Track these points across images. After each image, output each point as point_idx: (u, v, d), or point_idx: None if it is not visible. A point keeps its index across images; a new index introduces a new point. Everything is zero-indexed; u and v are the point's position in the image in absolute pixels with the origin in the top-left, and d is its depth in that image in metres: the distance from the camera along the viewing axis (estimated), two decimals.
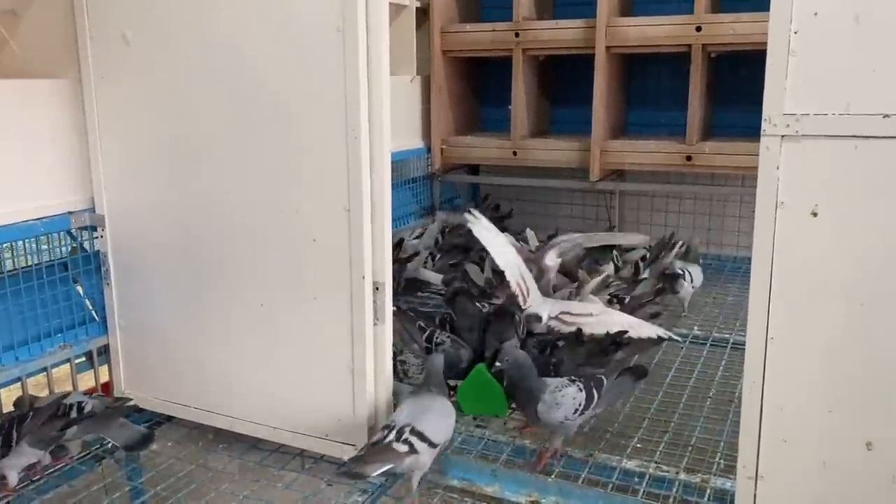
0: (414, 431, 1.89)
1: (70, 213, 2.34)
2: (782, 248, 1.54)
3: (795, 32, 1.46)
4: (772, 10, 1.48)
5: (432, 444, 1.91)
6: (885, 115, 1.42)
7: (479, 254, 3.25)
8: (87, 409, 2.11)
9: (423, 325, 2.56)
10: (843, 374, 1.55)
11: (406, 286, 3.20)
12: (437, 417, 1.98)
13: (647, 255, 3.39)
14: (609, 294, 2.92)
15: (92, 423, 2.08)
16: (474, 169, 4.43)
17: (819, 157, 1.49)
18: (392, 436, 1.88)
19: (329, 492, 2.06)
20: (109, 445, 2.20)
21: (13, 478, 1.97)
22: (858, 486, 1.58)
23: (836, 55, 1.45)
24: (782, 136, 1.51)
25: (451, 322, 2.66)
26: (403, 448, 1.86)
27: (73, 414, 2.08)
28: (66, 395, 2.19)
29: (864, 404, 1.55)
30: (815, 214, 1.51)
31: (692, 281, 3.20)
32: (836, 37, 1.44)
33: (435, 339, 2.50)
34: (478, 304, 2.70)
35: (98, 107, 2.31)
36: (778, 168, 1.52)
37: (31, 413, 2.00)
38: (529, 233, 3.55)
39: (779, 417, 1.62)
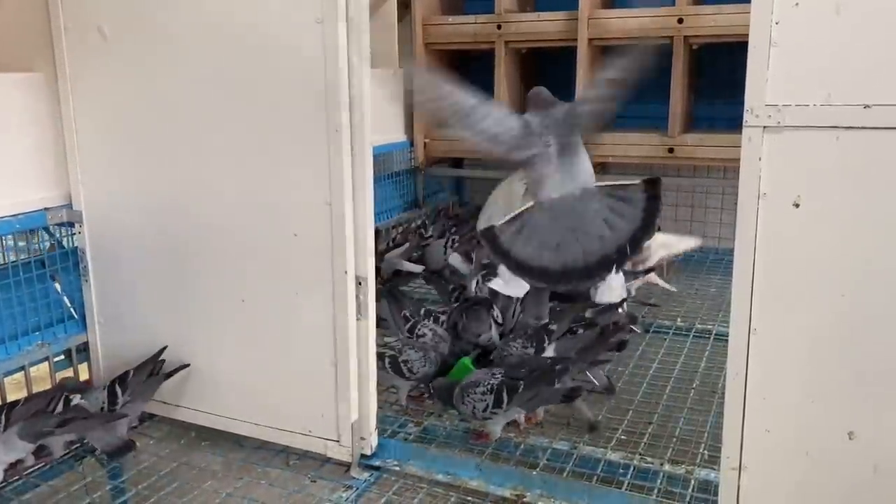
0: None
1: (46, 209, 2.30)
2: (764, 240, 1.54)
3: (777, 23, 1.46)
4: (753, 0, 1.48)
5: None
6: (866, 106, 1.42)
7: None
8: (74, 401, 2.08)
9: (407, 314, 2.55)
10: (824, 364, 1.56)
11: (390, 277, 3.19)
12: None
13: None
14: None
15: (79, 423, 2.05)
16: (458, 162, 4.42)
17: (801, 148, 1.49)
18: None
19: (313, 488, 2.05)
20: (90, 444, 2.18)
21: None
22: (840, 476, 1.59)
23: (816, 46, 1.45)
24: (764, 128, 1.50)
25: (455, 328, 2.56)
26: None
27: (60, 406, 2.05)
28: (62, 387, 2.17)
29: (846, 394, 1.55)
30: (797, 205, 1.51)
31: None
32: (817, 27, 1.44)
33: (417, 331, 2.49)
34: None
35: (74, 101, 2.27)
36: (760, 159, 1.52)
37: (23, 400, 1.98)
38: None
39: (762, 408, 1.62)
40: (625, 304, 2.75)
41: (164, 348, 2.29)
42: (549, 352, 2.35)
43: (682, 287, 3.38)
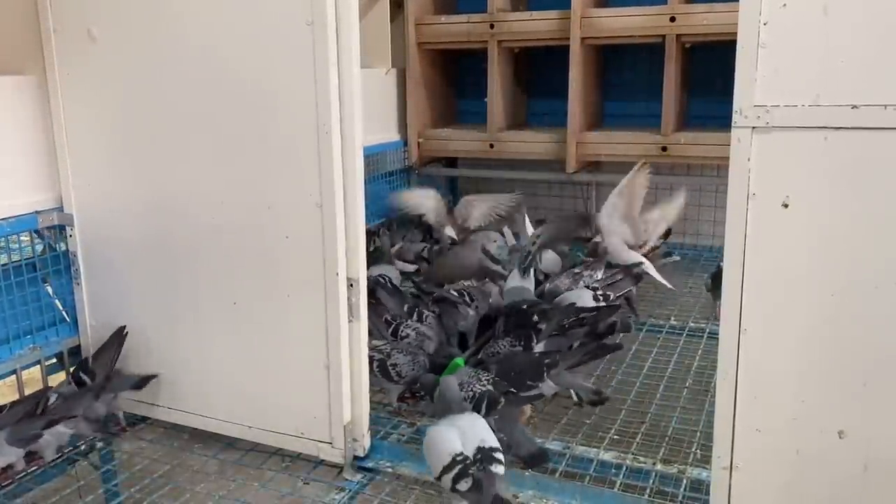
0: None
1: (37, 212, 2.29)
2: (754, 240, 1.55)
3: (765, 24, 1.46)
4: (741, 1, 1.48)
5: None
6: (854, 106, 1.42)
7: None
8: (52, 400, 2.09)
9: (388, 318, 2.55)
10: (814, 363, 1.56)
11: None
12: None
13: None
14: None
15: (66, 420, 2.06)
16: (452, 162, 4.42)
17: (789, 148, 1.50)
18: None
19: (306, 490, 2.05)
20: (83, 447, 2.18)
21: None
22: (831, 475, 1.59)
23: (804, 47, 1.45)
24: (753, 128, 1.51)
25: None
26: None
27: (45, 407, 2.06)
28: (46, 390, 2.17)
29: (836, 393, 1.56)
30: (786, 206, 1.52)
31: None
32: (805, 28, 1.44)
33: (400, 333, 2.49)
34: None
35: (64, 104, 2.27)
36: (749, 160, 1.52)
37: (8, 405, 1.98)
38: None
39: (752, 407, 1.63)
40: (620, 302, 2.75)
41: (123, 328, 2.33)
42: (539, 349, 2.35)
43: (675, 285, 3.38)
